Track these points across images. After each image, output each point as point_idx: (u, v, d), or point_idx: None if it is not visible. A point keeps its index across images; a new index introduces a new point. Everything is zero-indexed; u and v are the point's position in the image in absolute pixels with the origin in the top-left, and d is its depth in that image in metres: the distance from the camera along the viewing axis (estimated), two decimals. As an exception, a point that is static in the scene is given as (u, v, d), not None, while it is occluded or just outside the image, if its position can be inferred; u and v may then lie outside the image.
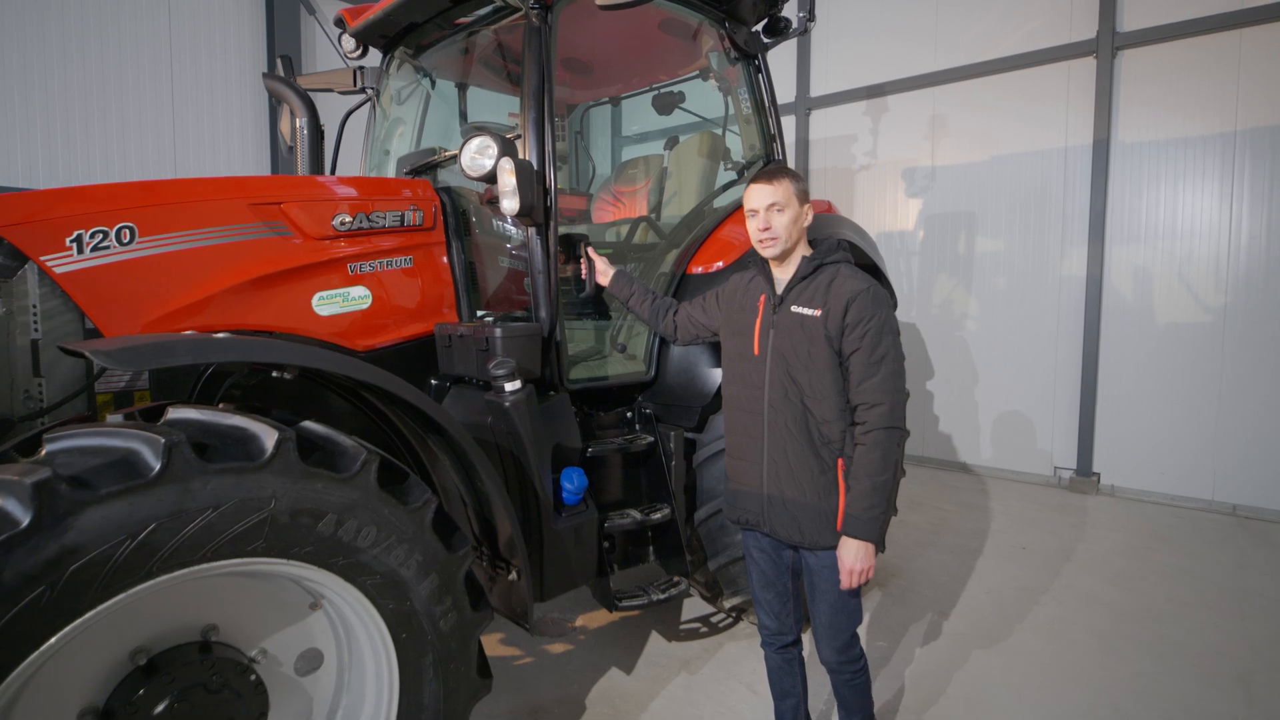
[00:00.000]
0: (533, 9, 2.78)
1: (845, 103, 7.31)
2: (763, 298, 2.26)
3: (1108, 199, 5.81)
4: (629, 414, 3.06)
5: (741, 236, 3.27)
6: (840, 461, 2.10)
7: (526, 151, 2.72)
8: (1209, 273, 5.44)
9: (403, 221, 2.81)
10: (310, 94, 3.81)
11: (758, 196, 2.22)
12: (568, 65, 4.44)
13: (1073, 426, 6.03)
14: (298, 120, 3.69)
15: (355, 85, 3.99)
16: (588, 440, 2.82)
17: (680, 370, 3.05)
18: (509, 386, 2.32)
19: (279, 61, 4.08)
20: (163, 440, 1.44)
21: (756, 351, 2.22)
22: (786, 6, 3.74)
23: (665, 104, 4.34)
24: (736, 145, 3.90)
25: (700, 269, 3.21)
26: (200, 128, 6.44)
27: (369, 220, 2.71)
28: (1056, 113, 6.07)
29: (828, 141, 7.52)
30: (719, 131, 3.88)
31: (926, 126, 6.80)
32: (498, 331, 2.47)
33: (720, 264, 3.12)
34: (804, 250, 2.26)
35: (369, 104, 3.98)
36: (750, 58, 3.66)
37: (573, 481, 2.51)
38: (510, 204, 2.44)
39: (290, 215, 2.52)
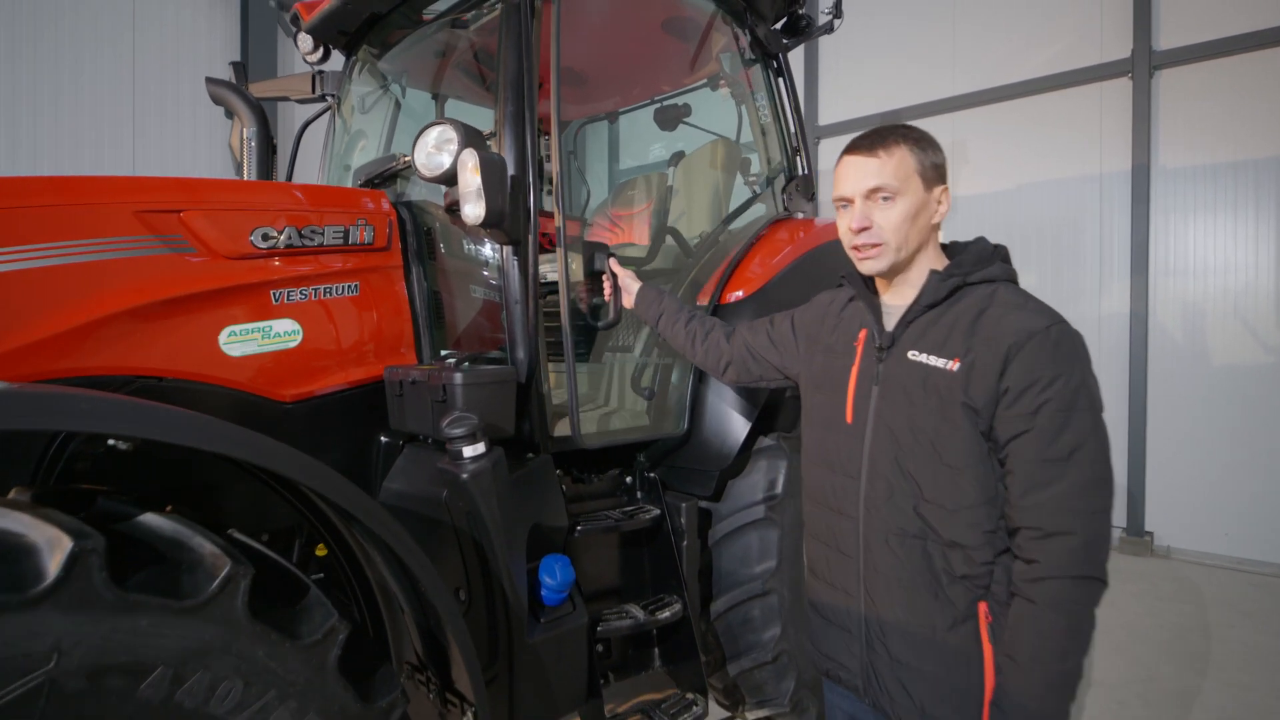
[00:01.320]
0: (512, -18, 2.26)
1: (856, 130, 6.85)
2: (863, 334, 1.53)
3: (1150, 228, 5.30)
4: (628, 479, 2.46)
5: (765, 255, 2.71)
6: (983, 608, 1.34)
7: (502, 151, 2.17)
8: (1269, 308, 4.90)
9: (347, 239, 2.24)
10: (266, 103, 3.31)
11: (851, 176, 1.46)
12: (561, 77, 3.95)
13: (1120, 481, 5.41)
14: (245, 131, 3.16)
15: (314, 92, 3.46)
16: (575, 515, 2.21)
17: (690, 421, 2.45)
18: (468, 451, 1.72)
19: (230, 68, 3.58)
20: None
21: (850, 418, 1.50)
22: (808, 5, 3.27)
23: (669, 117, 3.84)
24: (753, 163, 3.38)
25: (739, 293, 2.64)
26: (163, 146, 5.95)
27: (302, 236, 2.14)
28: (1090, 137, 5.61)
29: (838, 171, 7.06)
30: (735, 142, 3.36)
31: (946, 153, 6.31)
32: (457, 377, 1.88)
33: (740, 293, 2.56)
34: (933, 260, 1.48)
35: (329, 114, 3.46)
36: (770, 57, 3.15)
37: (555, 575, 1.89)
38: (473, 210, 1.87)
39: (192, 227, 1.95)
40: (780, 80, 3.20)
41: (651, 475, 2.44)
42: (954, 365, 1.34)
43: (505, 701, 1.82)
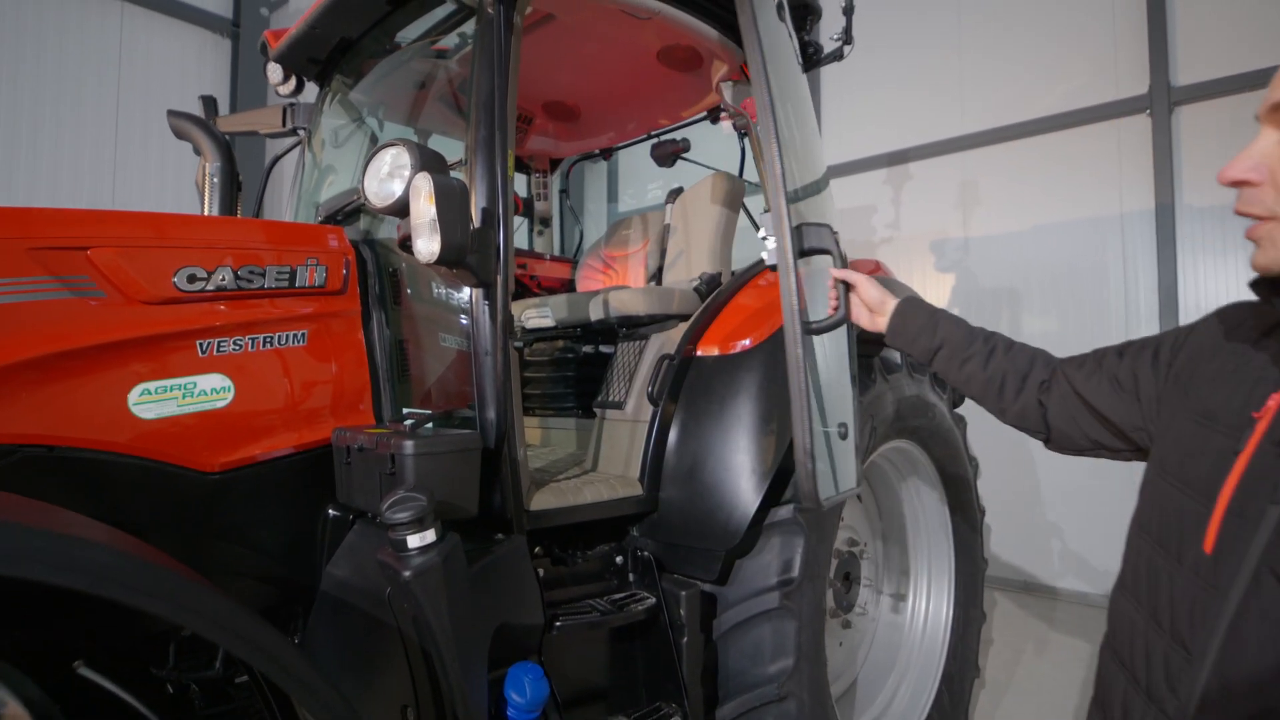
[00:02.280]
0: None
1: (863, 171, 6.65)
2: (1274, 399, 0.90)
3: (1178, 270, 5.00)
4: (618, 559, 2.11)
5: (775, 299, 2.40)
6: None
7: (473, 180, 1.88)
8: (1312, 355, 4.57)
9: (293, 281, 1.94)
10: (227, 136, 3.08)
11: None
12: (550, 111, 3.72)
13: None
14: (208, 167, 2.91)
15: (284, 126, 3.22)
16: (555, 605, 1.85)
17: (691, 492, 2.11)
18: (414, 541, 1.39)
19: (200, 101, 3.35)
20: None
21: (1209, 546, 0.92)
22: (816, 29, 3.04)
23: (666, 154, 3.59)
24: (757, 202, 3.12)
25: (715, 350, 2.31)
26: (145, 191, 5.74)
27: (238, 278, 1.84)
28: (1108, 176, 5.36)
29: (845, 213, 6.81)
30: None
31: (956, 194, 6.09)
32: (408, 445, 1.56)
33: (747, 342, 2.23)
34: None
35: (299, 149, 3.21)
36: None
37: (524, 690, 1.54)
38: (426, 245, 1.57)
39: (102, 266, 1.65)
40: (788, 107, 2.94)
41: (645, 554, 2.09)
42: None
43: None
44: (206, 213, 2.87)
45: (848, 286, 1.68)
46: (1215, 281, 4.91)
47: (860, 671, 2.80)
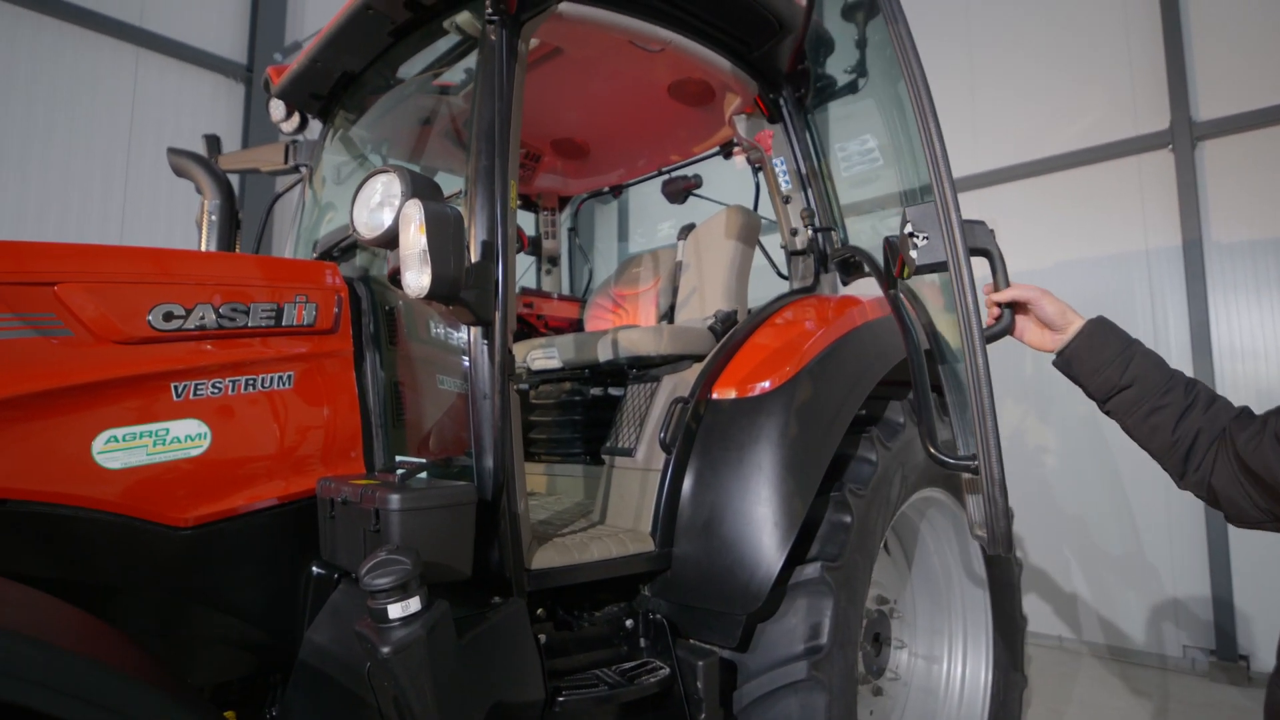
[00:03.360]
0: (490, 20, 1.92)
1: (866, 212, 6.55)
2: None
3: (1209, 308, 4.83)
4: (629, 622, 1.92)
5: (793, 339, 2.25)
6: None
7: (472, 211, 1.76)
8: (1357, 395, 4.36)
9: (279, 320, 1.82)
10: (228, 174, 3.02)
11: None
12: (558, 148, 3.65)
13: (1204, 595, 4.72)
14: (207, 204, 2.85)
15: (286, 163, 3.17)
16: (557, 678, 1.67)
17: (707, 548, 1.93)
18: (395, 611, 1.22)
19: (203, 140, 3.31)
20: None
21: None
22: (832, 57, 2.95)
23: (677, 190, 3.50)
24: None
25: (733, 393, 2.16)
26: (155, 228, 5.73)
27: (220, 316, 1.72)
28: (1132, 212, 5.24)
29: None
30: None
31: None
32: (393, 500, 1.40)
33: (766, 384, 2.08)
34: None
35: (301, 185, 3.14)
36: (792, 117, 2.80)
37: (520, 782, 1.35)
38: (416, 279, 1.44)
39: (70, 303, 1.53)
40: (807, 136, 2.84)
41: (657, 617, 1.90)
42: None
43: None
44: (204, 248, 2.79)
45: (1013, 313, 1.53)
46: (1250, 319, 4.73)
47: (893, 743, 2.57)
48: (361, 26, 2.34)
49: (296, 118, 3.00)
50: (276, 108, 2.95)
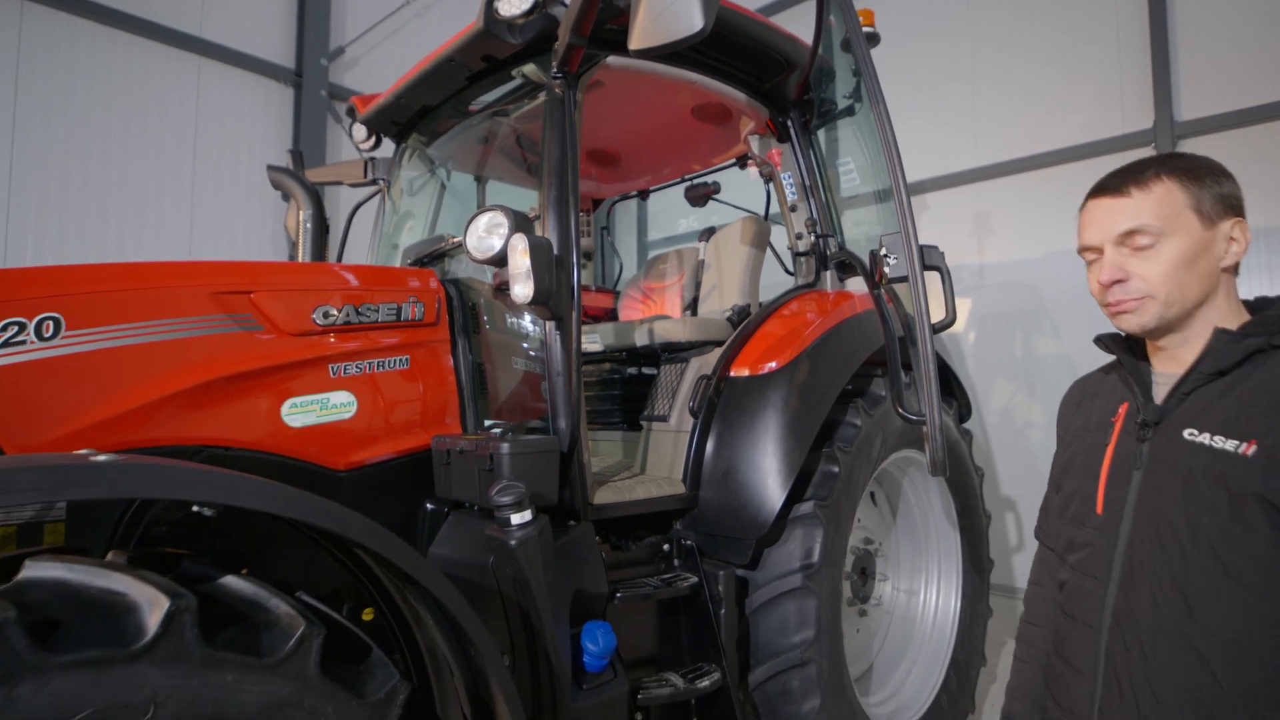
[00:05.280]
0: (555, 78, 2.47)
1: (879, 202, 7.04)
2: (1123, 408, 1.32)
3: (1184, 295, 5.31)
4: (665, 546, 2.52)
5: (796, 327, 2.81)
6: None
7: (546, 233, 2.33)
8: (1313, 374, 4.85)
9: (399, 316, 2.40)
10: (319, 188, 3.58)
11: (1097, 222, 1.28)
12: (594, 157, 4.18)
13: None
14: (301, 213, 3.42)
15: (365, 177, 3.73)
16: (615, 582, 2.27)
17: (726, 491, 2.52)
18: (516, 519, 1.82)
19: (288, 156, 3.88)
20: (-18, 617, 0.96)
21: (1100, 508, 1.29)
22: (832, 85, 3.46)
23: (698, 195, 4.03)
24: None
25: (746, 371, 2.74)
26: (219, 230, 6.33)
27: (358, 314, 2.30)
28: (1116, 205, 5.70)
29: (869, 241, 7.20)
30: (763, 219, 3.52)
31: (970, 224, 6.46)
32: (504, 447, 1.99)
33: (773, 364, 2.65)
34: (1224, 316, 1.23)
35: (379, 196, 3.71)
36: (797, 138, 3.33)
37: (597, 641, 1.95)
38: (523, 290, 2.02)
39: (261, 306, 2.12)
40: (811, 154, 3.36)
41: (688, 543, 2.50)
42: (1249, 449, 1.09)
43: (549, 768, 1.86)
44: (300, 253, 3.37)
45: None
46: (1219, 305, 5.22)
47: (876, 658, 3.16)
48: (444, 72, 2.88)
49: (373, 138, 3.56)
50: (359, 131, 3.50)
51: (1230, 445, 1.11)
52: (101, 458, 1.18)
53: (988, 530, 3.41)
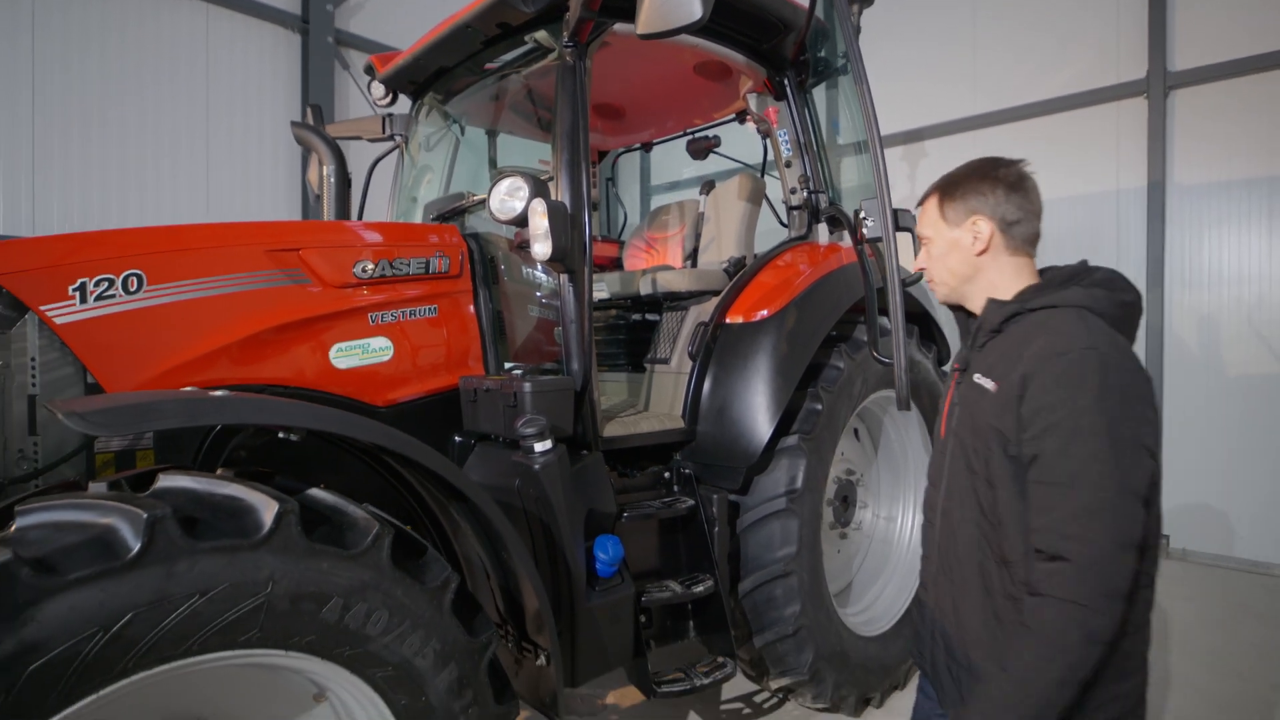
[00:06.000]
0: (567, 47, 2.68)
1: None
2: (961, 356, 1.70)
3: (1165, 243, 5.55)
4: (666, 474, 2.85)
5: (787, 278, 3.08)
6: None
7: (560, 194, 2.58)
8: (1281, 320, 5.13)
9: (428, 269, 2.67)
10: (338, 142, 3.77)
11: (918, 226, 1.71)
12: (599, 111, 4.36)
13: (1138, 485, 5.65)
14: (325, 168, 3.62)
15: (384, 133, 3.93)
16: (622, 504, 2.60)
17: (720, 425, 2.83)
18: (539, 447, 2.13)
19: (309, 110, 4.06)
20: (145, 515, 1.26)
21: (943, 432, 1.65)
22: (828, 46, 3.63)
23: (700, 148, 4.23)
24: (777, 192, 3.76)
25: (740, 318, 3.02)
26: (234, 177, 6.49)
27: (392, 267, 2.57)
28: (1107, 155, 5.88)
29: (864, 186, 7.37)
30: (758, 174, 3.74)
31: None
32: (527, 386, 2.28)
33: (765, 312, 2.93)
34: (999, 288, 1.55)
35: (397, 151, 3.92)
36: (794, 96, 3.52)
37: (607, 551, 2.29)
38: (542, 248, 2.29)
39: (309, 262, 2.39)
40: (806, 112, 3.55)
41: (686, 471, 2.82)
42: (994, 389, 1.42)
43: (569, 653, 2.23)
44: (325, 205, 3.61)
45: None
46: (1200, 255, 5.45)
47: (855, 576, 3.53)
48: (460, 37, 3.06)
49: (389, 95, 3.75)
50: (378, 89, 3.69)
51: (988, 385, 1.45)
52: (220, 393, 1.47)
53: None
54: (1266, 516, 5.15)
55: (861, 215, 2.41)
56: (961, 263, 1.58)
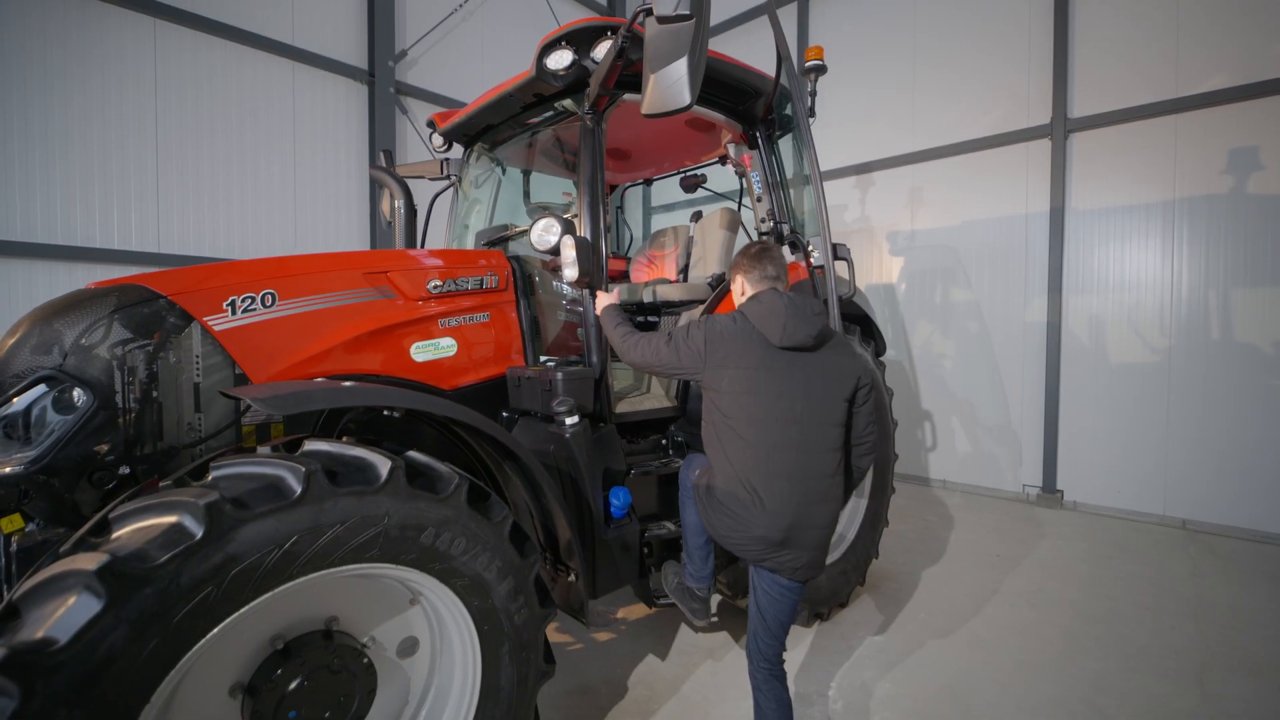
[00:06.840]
0: (587, 114, 2.90)
1: (838, 178, 7.37)
2: None
3: (1064, 257, 5.76)
4: (663, 441, 3.10)
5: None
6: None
7: (582, 228, 2.81)
8: (1154, 319, 5.35)
9: (481, 285, 2.91)
10: (405, 180, 3.99)
11: None
12: (611, 154, 4.56)
13: (1038, 450, 5.91)
14: (396, 201, 3.84)
15: (442, 173, 4.15)
16: (630, 464, 2.85)
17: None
18: (569, 421, 2.38)
19: (381, 154, 4.28)
20: (303, 469, 1.52)
21: None
22: (792, 107, 3.82)
23: (690, 184, 4.44)
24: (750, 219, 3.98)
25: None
26: (315, 207, 6.72)
27: (455, 284, 2.81)
28: (1018, 185, 6.07)
29: (824, 210, 7.56)
30: (735, 207, 3.96)
31: (907, 197, 6.82)
32: (559, 375, 2.53)
33: (738, 318, 3.16)
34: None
35: (452, 188, 4.14)
36: (764, 146, 3.73)
37: (619, 499, 2.54)
38: (571, 272, 2.53)
39: (394, 281, 2.63)
40: (773, 159, 3.77)
41: (679, 439, 3.08)
42: None
43: (591, 573, 2.50)
44: (396, 231, 3.84)
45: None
46: (1091, 267, 5.66)
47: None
48: (505, 102, 3.27)
49: (447, 144, 3.96)
50: (438, 139, 3.90)
51: None
52: (348, 383, 1.72)
53: (894, 433, 3.98)
54: (1142, 474, 5.40)
55: (809, 248, 2.64)
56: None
